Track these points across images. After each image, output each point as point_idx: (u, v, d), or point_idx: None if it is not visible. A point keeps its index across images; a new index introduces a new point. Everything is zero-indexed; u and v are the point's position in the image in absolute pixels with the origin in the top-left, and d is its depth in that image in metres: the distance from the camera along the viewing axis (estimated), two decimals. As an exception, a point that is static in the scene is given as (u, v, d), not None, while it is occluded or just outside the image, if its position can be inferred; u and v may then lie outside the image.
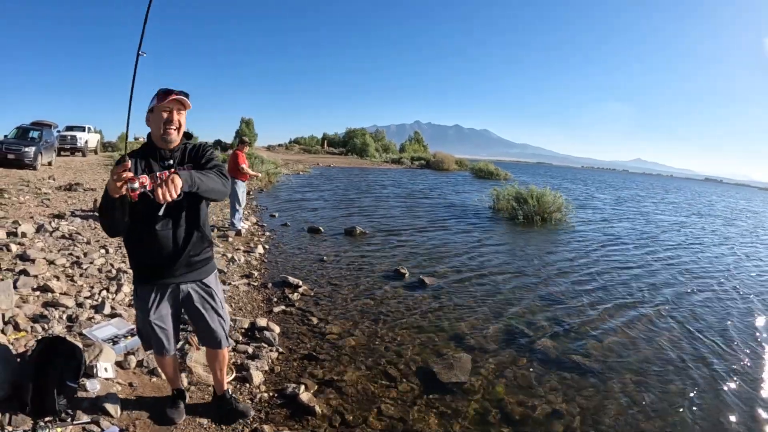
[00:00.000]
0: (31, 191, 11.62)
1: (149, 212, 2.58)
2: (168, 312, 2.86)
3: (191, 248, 2.77)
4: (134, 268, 2.80)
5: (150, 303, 2.79)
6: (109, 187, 2.27)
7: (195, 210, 2.78)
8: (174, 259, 2.72)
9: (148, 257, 2.71)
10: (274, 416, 3.51)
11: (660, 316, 6.64)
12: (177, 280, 2.80)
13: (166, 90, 2.54)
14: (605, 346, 5.42)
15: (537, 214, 14.82)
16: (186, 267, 2.79)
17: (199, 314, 2.93)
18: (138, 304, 2.87)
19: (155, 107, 2.56)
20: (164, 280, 2.77)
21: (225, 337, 3.05)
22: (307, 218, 12.95)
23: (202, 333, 3.03)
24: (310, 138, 71.04)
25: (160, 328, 2.85)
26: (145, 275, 2.77)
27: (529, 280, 8.08)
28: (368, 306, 6.15)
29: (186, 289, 2.86)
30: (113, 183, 2.22)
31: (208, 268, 2.95)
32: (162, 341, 2.88)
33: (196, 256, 2.82)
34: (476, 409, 3.92)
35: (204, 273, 2.91)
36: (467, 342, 5.24)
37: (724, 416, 4.14)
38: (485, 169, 41.16)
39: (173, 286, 2.82)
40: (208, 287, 2.94)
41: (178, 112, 2.62)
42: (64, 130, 26.27)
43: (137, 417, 3.15)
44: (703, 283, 8.86)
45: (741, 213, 29.55)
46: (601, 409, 4.09)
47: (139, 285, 2.82)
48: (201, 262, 2.88)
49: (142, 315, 2.85)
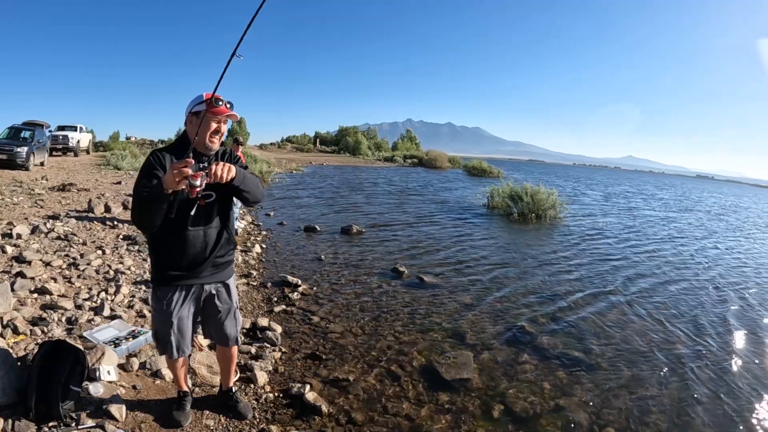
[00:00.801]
0: (24, 192, 11.50)
1: (182, 212, 2.56)
2: (189, 313, 2.84)
3: (219, 249, 2.79)
4: (159, 268, 2.76)
5: (173, 305, 2.76)
6: (166, 182, 2.26)
7: (225, 211, 2.80)
8: (202, 259, 2.73)
9: (177, 257, 2.69)
10: (281, 416, 3.48)
11: (659, 310, 6.70)
12: (202, 281, 2.80)
13: (217, 99, 2.51)
14: (604, 341, 5.45)
15: (532, 211, 14.86)
16: (212, 268, 2.80)
17: (216, 313, 2.94)
18: (157, 306, 2.83)
19: (204, 115, 2.52)
20: (189, 281, 2.76)
21: (237, 335, 3.09)
22: (302, 217, 12.91)
23: (216, 331, 3.03)
24: (302, 136, 70.97)
25: (180, 330, 2.82)
26: (170, 276, 2.73)
27: (526, 277, 8.10)
28: (369, 304, 6.13)
29: (209, 289, 2.86)
30: (172, 178, 2.22)
31: (231, 269, 2.97)
32: (180, 343, 2.86)
33: (222, 257, 2.83)
34: (481, 406, 3.92)
35: (227, 275, 2.93)
36: (469, 339, 5.24)
37: (728, 407, 4.17)
38: (478, 166, 41.29)
39: (197, 286, 2.80)
40: (229, 288, 2.96)
41: (224, 123, 2.64)
42: (55, 130, 26.00)
43: (143, 420, 3.11)
44: (696, 278, 8.93)
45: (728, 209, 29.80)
46: (603, 403, 4.10)
47: (161, 286, 2.78)
48: (226, 264, 2.89)
49: (162, 317, 2.80)
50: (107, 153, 28.12)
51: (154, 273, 2.80)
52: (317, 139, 69.30)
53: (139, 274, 5.97)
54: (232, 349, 3.19)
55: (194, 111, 2.57)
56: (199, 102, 2.56)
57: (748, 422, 3.99)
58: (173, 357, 2.91)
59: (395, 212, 15.13)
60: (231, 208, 2.87)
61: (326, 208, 14.97)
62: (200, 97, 2.56)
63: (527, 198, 15.11)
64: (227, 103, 2.57)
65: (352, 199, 18.10)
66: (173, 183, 2.24)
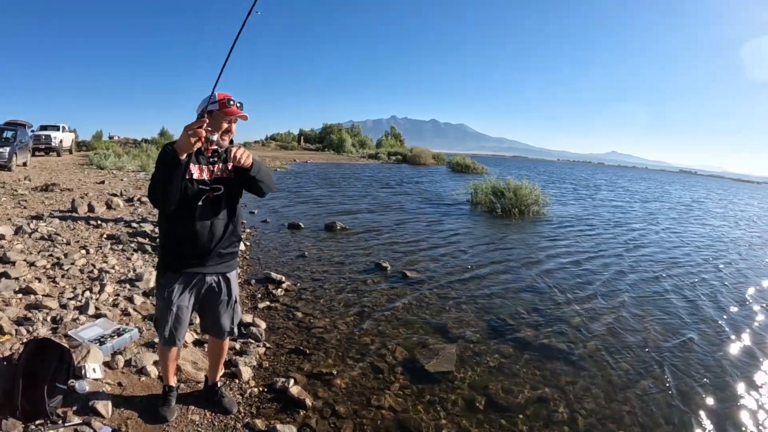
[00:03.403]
0: (6, 192, 11.39)
1: (190, 200, 2.71)
2: (189, 303, 2.95)
3: (224, 240, 2.90)
4: (165, 254, 2.89)
5: (174, 292, 2.87)
6: (181, 145, 2.44)
7: (232, 205, 2.94)
8: (207, 248, 2.84)
9: (183, 246, 2.81)
10: (266, 410, 3.55)
11: (642, 302, 6.86)
12: (205, 270, 2.90)
13: (230, 100, 2.68)
14: (585, 332, 5.58)
15: (515, 206, 15.00)
16: (217, 258, 2.91)
17: (215, 305, 3.05)
18: (159, 293, 2.94)
19: (216, 114, 2.66)
20: (193, 269, 2.87)
21: (232, 329, 3.19)
22: (286, 214, 12.90)
23: (213, 322, 3.14)
24: (286, 134, 70.70)
25: (179, 318, 2.93)
26: (175, 262, 2.85)
27: (508, 270, 8.23)
28: (352, 300, 6.20)
29: (210, 280, 2.96)
30: (187, 138, 2.40)
31: (234, 262, 3.08)
32: (178, 331, 2.97)
33: (226, 249, 2.94)
34: (463, 397, 4.01)
35: (230, 267, 3.04)
36: (451, 332, 5.33)
37: (713, 397, 4.33)
38: (462, 163, 41.52)
39: (199, 276, 2.91)
40: (230, 280, 3.06)
41: (235, 122, 2.77)
42: (38, 130, 25.66)
43: (129, 416, 3.16)
44: (680, 267, 9.14)
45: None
46: (584, 393, 4.22)
47: (166, 272, 2.89)
48: (230, 255, 3.00)
49: (164, 303, 2.91)
50: (90, 152, 27.79)
51: (160, 260, 2.94)
52: (301, 137, 69.07)
53: (123, 273, 5.98)
54: (224, 342, 3.27)
55: (206, 110, 2.67)
56: (212, 102, 2.67)
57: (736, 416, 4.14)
58: (169, 345, 3.00)
59: (379, 209, 15.19)
60: (238, 202, 2.99)
61: (310, 205, 14.98)
62: (213, 97, 2.66)
63: (510, 194, 15.24)
64: (238, 104, 2.71)
65: (336, 196, 18.12)
66: (187, 144, 2.42)
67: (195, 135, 2.40)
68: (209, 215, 2.80)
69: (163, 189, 2.51)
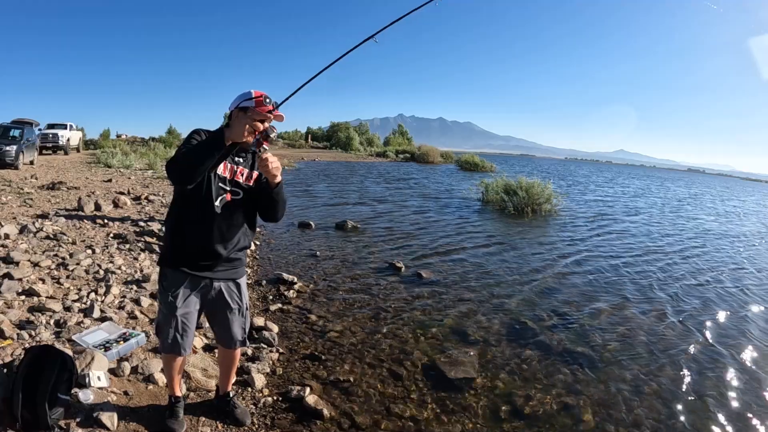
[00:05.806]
0: (13, 191, 11.27)
1: (207, 197, 2.57)
2: (194, 309, 2.77)
3: (235, 245, 2.74)
4: (170, 250, 2.74)
5: (179, 297, 2.69)
6: (233, 131, 2.30)
7: (249, 212, 2.78)
8: (218, 253, 2.67)
9: (192, 246, 2.65)
10: (281, 421, 3.33)
11: (659, 304, 6.65)
12: (212, 275, 2.74)
13: (266, 98, 2.51)
14: (607, 336, 5.37)
15: (527, 205, 14.76)
16: (226, 263, 2.75)
17: (224, 312, 2.87)
18: (163, 297, 2.74)
19: (251, 111, 2.44)
20: (200, 273, 2.70)
21: (244, 338, 3.01)
22: (295, 213, 12.71)
23: (222, 331, 2.97)
24: (294, 132, 70.68)
25: (185, 325, 2.74)
26: (183, 263, 2.68)
27: (524, 271, 8.01)
28: (367, 302, 5.99)
29: (218, 286, 2.79)
30: (242, 127, 2.29)
31: (242, 269, 2.92)
32: (184, 339, 2.78)
33: (236, 255, 2.78)
34: (486, 405, 3.82)
35: (239, 273, 2.88)
36: (470, 336, 5.12)
37: (727, 401, 4.10)
38: (470, 161, 41.31)
39: (206, 281, 2.74)
40: (240, 287, 2.90)
41: (269, 122, 2.56)
42: (45, 128, 25.69)
43: (135, 429, 2.96)
44: (701, 274, 8.90)
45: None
46: (609, 400, 4.02)
47: (170, 276, 2.71)
48: (239, 261, 2.85)
49: (167, 309, 2.72)
50: (98, 151, 27.77)
51: (165, 254, 2.78)
52: (309, 135, 69.02)
53: (130, 273, 5.80)
54: (236, 351, 3.08)
55: (242, 107, 2.51)
56: (247, 98, 2.51)
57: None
58: (173, 353, 2.82)
59: (389, 207, 14.99)
60: (256, 215, 2.83)
61: (319, 204, 14.79)
62: (248, 94, 2.52)
63: (522, 192, 14.99)
64: (273, 103, 2.53)
65: (345, 194, 17.94)
66: (240, 134, 2.30)
67: (253, 126, 2.26)
68: (225, 218, 2.64)
69: (191, 165, 2.32)
